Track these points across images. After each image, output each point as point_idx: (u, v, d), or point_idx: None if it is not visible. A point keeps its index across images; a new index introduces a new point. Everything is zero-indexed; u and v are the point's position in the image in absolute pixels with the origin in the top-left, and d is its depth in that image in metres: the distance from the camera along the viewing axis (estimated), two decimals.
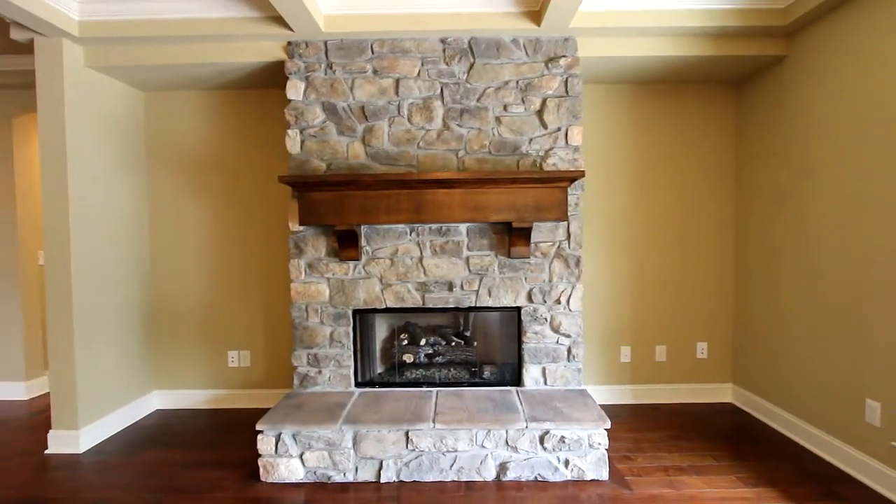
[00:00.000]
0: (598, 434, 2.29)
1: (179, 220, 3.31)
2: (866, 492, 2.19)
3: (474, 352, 3.01)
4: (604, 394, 3.29)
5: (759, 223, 3.05)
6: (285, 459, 2.29)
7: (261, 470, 2.30)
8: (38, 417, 3.19)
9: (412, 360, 2.97)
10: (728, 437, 2.78)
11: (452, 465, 2.30)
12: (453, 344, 3.02)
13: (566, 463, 2.30)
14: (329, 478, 2.30)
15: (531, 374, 2.77)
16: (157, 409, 3.29)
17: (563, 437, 2.28)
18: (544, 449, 2.30)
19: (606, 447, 2.31)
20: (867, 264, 2.26)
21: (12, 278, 3.50)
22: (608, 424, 2.30)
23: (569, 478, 2.30)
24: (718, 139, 3.27)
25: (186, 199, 3.30)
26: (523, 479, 2.31)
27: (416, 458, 2.30)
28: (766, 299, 2.99)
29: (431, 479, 2.31)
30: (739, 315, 3.27)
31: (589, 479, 2.30)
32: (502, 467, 2.31)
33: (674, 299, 3.31)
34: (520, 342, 2.79)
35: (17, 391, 3.51)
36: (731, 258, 3.31)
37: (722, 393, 3.35)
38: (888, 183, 2.15)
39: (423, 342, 3.01)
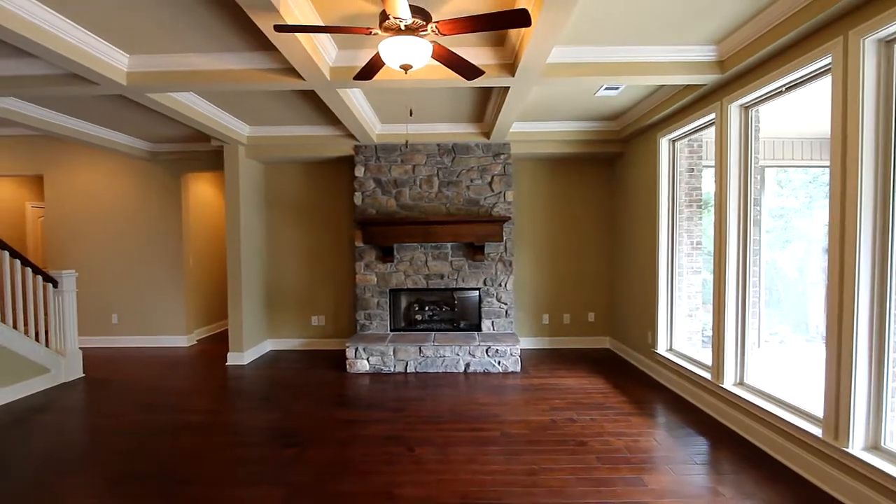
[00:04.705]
0: (515, 349, 4.60)
1: (284, 239, 5.62)
2: (646, 378, 4.49)
3: (455, 314, 5.31)
4: (532, 343, 5.60)
5: (621, 245, 5.42)
6: (359, 360, 4.59)
7: (347, 365, 4.60)
8: (201, 354, 5.47)
9: (421, 318, 5.28)
10: (594, 361, 5.07)
11: (442, 363, 4.61)
12: (444, 309, 5.33)
13: (499, 363, 4.61)
14: (381, 370, 4.61)
15: (485, 325, 5.09)
16: (271, 350, 5.58)
17: (497, 349, 4.60)
18: (488, 356, 4.61)
19: (519, 355, 4.62)
20: (650, 271, 4.62)
21: (179, 272, 5.78)
22: (521, 344, 4.62)
23: (500, 370, 4.61)
24: (601, 193, 5.61)
25: (287, 228, 5.61)
26: (478, 371, 4.61)
27: (424, 360, 4.61)
28: (622, 287, 5.34)
29: (433, 371, 4.61)
30: (611, 296, 5.62)
31: (510, 371, 4.61)
32: (467, 365, 4.62)
33: (574, 286, 5.63)
34: (479, 308, 5.11)
35: (180, 341, 5.80)
36: (608, 263, 5.64)
37: (602, 342, 5.67)
38: (646, 231, 4.52)
39: (426, 308, 5.32)
